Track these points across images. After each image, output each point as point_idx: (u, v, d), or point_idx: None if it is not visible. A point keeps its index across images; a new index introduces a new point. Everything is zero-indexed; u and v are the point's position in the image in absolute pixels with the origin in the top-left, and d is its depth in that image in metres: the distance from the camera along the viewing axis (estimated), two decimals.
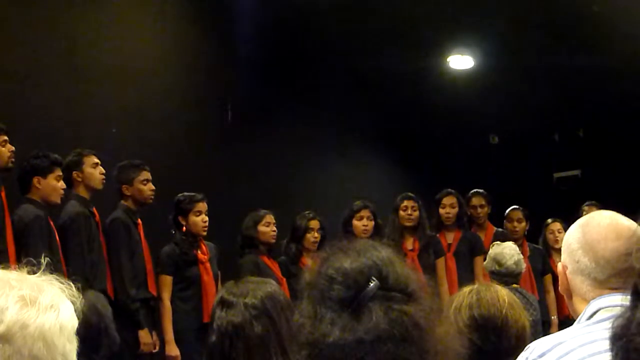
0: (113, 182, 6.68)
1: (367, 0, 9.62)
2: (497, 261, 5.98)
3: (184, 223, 6.92)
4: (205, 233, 6.96)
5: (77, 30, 7.86)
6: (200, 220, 6.91)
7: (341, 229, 7.76)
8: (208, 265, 6.92)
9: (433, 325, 1.74)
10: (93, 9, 8.02)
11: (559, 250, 2.59)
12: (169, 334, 6.71)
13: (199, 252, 6.92)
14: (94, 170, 6.46)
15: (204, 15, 9.30)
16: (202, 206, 6.94)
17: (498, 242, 6.42)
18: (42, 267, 1.86)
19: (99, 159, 6.51)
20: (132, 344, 6.29)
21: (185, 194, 6.98)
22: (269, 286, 2.96)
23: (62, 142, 6.85)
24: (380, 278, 1.72)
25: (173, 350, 6.68)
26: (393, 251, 1.82)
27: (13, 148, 5.85)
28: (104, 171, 6.52)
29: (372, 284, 1.70)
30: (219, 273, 7.00)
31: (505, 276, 5.86)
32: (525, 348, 2.35)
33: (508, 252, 6.05)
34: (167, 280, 6.80)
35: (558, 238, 8.19)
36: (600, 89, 10.91)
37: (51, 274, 1.87)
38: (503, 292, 3.00)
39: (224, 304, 2.87)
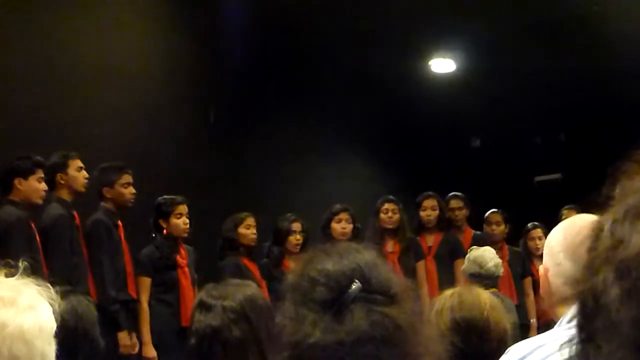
0: (94, 183, 6.65)
1: (348, 4, 9.63)
2: (477, 263, 5.94)
3: (164, 226, 6.89)
4: (186, 235, 6.95)
5: (62, 33, 7.83)
6: (181, 222, 6.88)
7: (321, 232, 7.78)
8: (187, 269, 6.91)
9: (415, 327, 1.74)
10: (78, 11, 7.99)
11: (540, 257, 2.59)
12: (147, 336, 6.69)
13: (178, 256, 6.90)
14: (78, 174, 6.44)
15: (189, 16, 9.29)
16: (183, 209, 6.92)
17: (476, 246, 6.43)
18: (20, 270, 1.86)
19: (83, 162, 6.49)
20: (111, 346, 6.26)
21: (166, 196, 6.97)
22: (248, 289, 2.95)
23: (45, 143, 6.82)
24: (363, 280, 1.72)
25: (150, 351, 6.67)
26: (376, 254, 1.82)
27: None
28: (87, 175, 6.50)
29: (354, 286, 1.70)
30: (196, 277, 6.99)
31: (485, 279, 5.83)
32: (506, 351, 2.35)
33: (488, 254, 6.02)
34: (146, 282, 6.78)
35: (539, 245, 8.13)
36: (582, 92, 10.96)
37: (30, 276, 1.87)
38: (485, 295, 3.01)
39: (202, 306, 2.87)
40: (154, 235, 6.92)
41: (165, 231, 6.90)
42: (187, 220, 6.91)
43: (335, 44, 10.23)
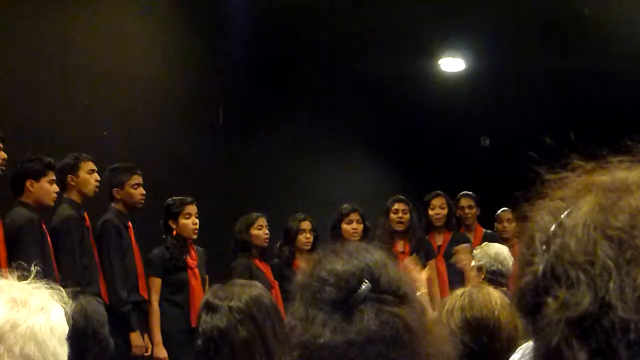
0: (104, 184, 6.66)
1: (358, 4, 9.62)
2: (499, 261, 5.75)
3: (174, 227, 6.89)
4: (195, 236, 6.94)
5: (69, 35, 7.85)
6: (190, 222, 6.88)
7: (330, 233, 7.73)
8: (197, 270, 6.90)
9: (424, 327, 1.74)
10: (85, 13, 8.01)
11: None
12: (157, 336, 6.69)
13: (189, 257, 6.90)
14: (89, 176, 6.43)
15: (195, 17, 9.29)
16: (192, 209, 6.91)
17: (487, 242, 6.30)
18: (33, 274, 1.88)
19: (95, 165, 6.49)
20: (123, 347, 6.27)
21: (175, 197, 6.96)
22: (254, 289, 2.94)
23: (55, 145, 6.84)
24: (372, 280, 1.72)
25: (161, 352, 6.66)
26: (385, 254, 1.82)
27: (5, 156, 5.79)
28: (99, 178, 6.50)
29: (363, 286, 1.70)
30: (207, 277, 6.99)
31: (504, 277, 5.72)
32: (517, 350, 2.35)
33: (506, 252, 5.88)
34: (156, 282, 6.78)
35: None
36: (591, 91, 10.93)
37: (42, 280, 1.88)
38: (495, 294, 3.00)
39: (209, 307, 2.87)
40: (164, 236, 6.92)
41: (174, 232, 6.90)
42: (197, 220, 6.90)
43: (344, 44, 10.22)
